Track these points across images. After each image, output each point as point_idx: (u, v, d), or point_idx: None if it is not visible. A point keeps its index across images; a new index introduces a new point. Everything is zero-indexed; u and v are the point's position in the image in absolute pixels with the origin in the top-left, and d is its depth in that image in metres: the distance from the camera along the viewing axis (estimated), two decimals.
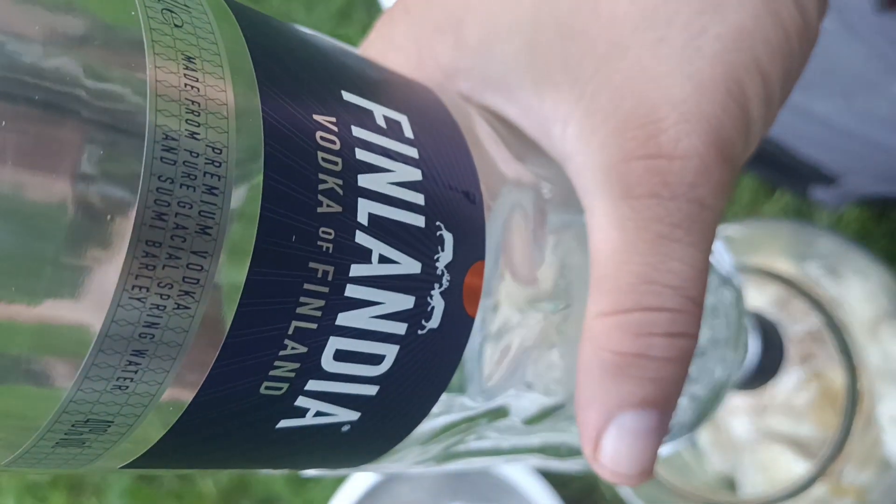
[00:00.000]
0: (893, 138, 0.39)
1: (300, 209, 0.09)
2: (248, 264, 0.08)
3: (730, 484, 0.40)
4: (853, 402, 0.36)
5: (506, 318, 0.12)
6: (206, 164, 0.08)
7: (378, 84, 0.11)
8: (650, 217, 0.12)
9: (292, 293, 0.09)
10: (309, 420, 0.10)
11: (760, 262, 0.40)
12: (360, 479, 0.40)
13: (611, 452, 0.12)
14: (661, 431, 0.12)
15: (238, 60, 0.09)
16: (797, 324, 0.40)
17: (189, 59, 0.08)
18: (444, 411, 0.11)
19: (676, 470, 0.39)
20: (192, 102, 0.08)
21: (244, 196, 0.08)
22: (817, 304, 0.35)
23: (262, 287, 0.08)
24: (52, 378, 0.08)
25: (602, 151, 0.12)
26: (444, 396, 0.11)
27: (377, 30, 0.14)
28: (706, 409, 0.16)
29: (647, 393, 0.12)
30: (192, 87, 0.08)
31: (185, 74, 0.08)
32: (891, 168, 0.41)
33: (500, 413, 0.12)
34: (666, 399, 0.12)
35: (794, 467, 0.38)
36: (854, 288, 0.41)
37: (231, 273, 0.08)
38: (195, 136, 0.08)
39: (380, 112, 0.10)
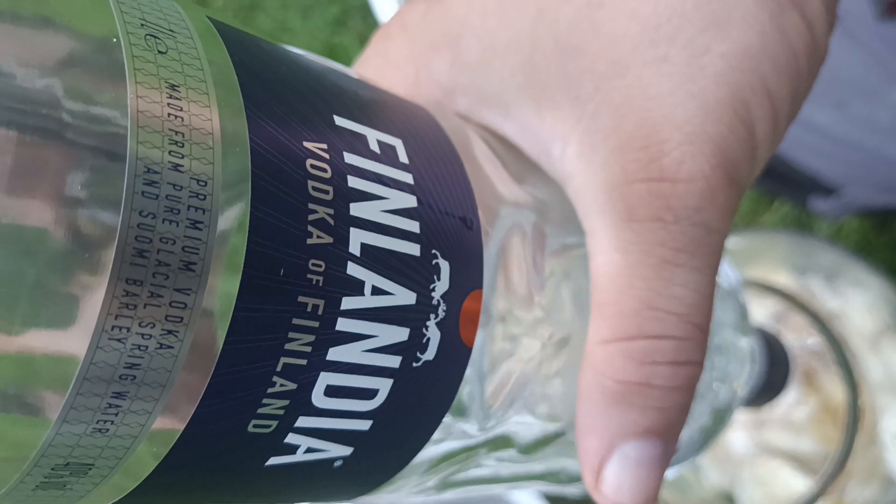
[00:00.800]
0: (894, 148, 0.39)
1: (289, 241, 0.08)
2: (235, 300, 0.08)
3: (728, 499, 0.40)
4: (854, 419, 0.35)
5: (505, 346, 0.11)
6: (190, 196, 0.08)
7: (372, 107, 0.10)
8: (653, 241, 0.11)
9: (281, 329, 0.08)
10: (300, 457, 0.09)
11: (759, 275, 0.40)
12: None
13: (613, 482, 0.12)
14: (665, 460, 0.12)
15: (225, 87, 0.08)
16: (796, 337, 0.40)
17: (173, 86, 0.08)
18: (443, 442, 0.11)
19: (674, 485, 0.39)
20: (176, 132, 0.08)
21: (230, 229, 0.08)
22: (816, 319, 0.35)
23: (249, 323, 0.08)
24: (30, 420, 0.07)
25: (603, 172, 0.12)
26: (442, 427, 0.10)
27: (373, 46, 0.14)
28: (711, 432, 0.16)
29: (651, 422, 0.11)
30: (176, 116, 0.08)
31: (168, 103, 0.08)
32: (892, 178, 0.41)
33: (500, 441, 0.12)
34: (670, 428, 0.12)
35: (794, 482, 0.38)
36: (854, 300, 0.40)
37: (216, 309, 0.08)
38: (179, 168, 0.08)
39: (373, 136, 0.10)
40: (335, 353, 0.09)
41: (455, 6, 0.13)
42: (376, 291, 0.09)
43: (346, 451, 0.10)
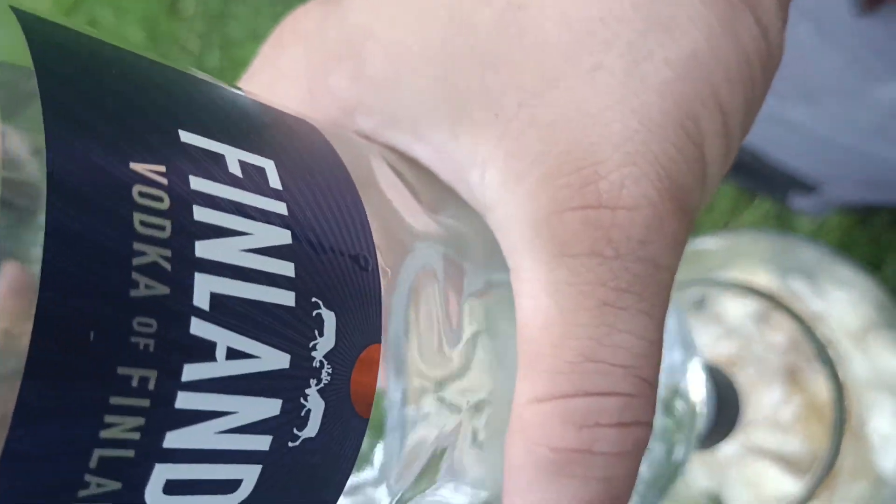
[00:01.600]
0: (876, 147, 0.38)
1: (102, 295, 0.06)
2: (21, 377, 0.06)
3: (717, 501, 0.39)
4: (841, 421, 0.34)
5: (413, 412, 0.09)
6: None
7: (235, 120, 0.09)
8: (592, 280, 0.10)
9: (92, 412, 0.06)
10: None
11: (739, 276, 0.39)
12: None
13: None
14: None
15: (15, 92, 0.07)
16: (779, 335, 0.39)
17: None
18: None
19: None
20: None
21: (14, 283, 0.06)
22: (799, 319, 0.33)
23: (43, 407, 0.06)
24: None
25: (530, 201, 0.10)
26: None
27: (263, 55, 0.12)
28: (662, 490, 0.14)
29: (595, 496, 0.10)
30: None
31: None
32: (874, 176, 0.40)
33: None
34: (616, 500, 0.10)
35: (782, 483, 0.37)
36: (838, 299, 0.39)
37: None
38: None
39: (234, 156, 0.08)
40: (176, 439, 0.07)
41: (356, 11, 0.11)
42: (233, 355, 0.07)
43: None
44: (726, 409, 0.17)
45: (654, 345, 0.10)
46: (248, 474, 0.07)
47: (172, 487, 0.07)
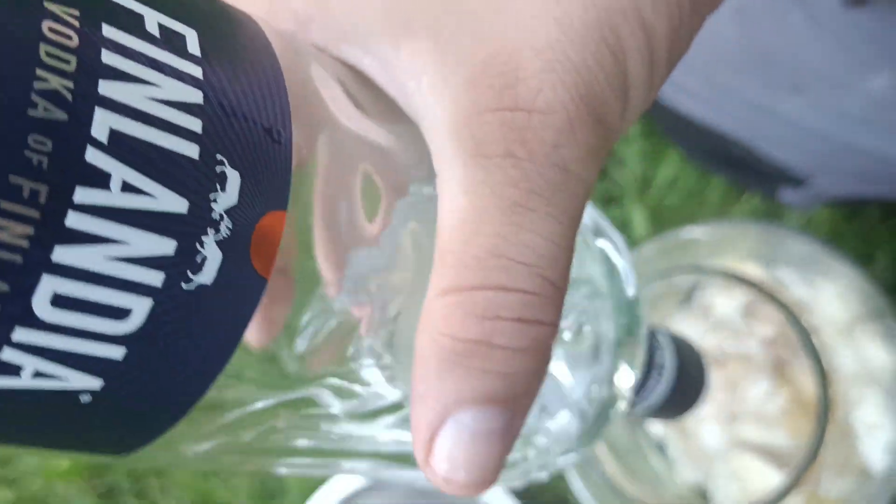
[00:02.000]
0: (868, 138, 0.38)
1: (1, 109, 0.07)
2: None
3: (703, 495, 0.38)
4: (825, 410, 0.34)
5: (317, 287, 0.10)
6: None
7: None
8: (504, 180, 0.10)
9: None
10: (27, 381, 0.08)
11: (728, 266, 0.39)
12: (329, 494, 0.38)
13: (445, 456, 0.10)
14: (510, 436, 0.10)
15: None
16: (766, 328, 0.38)
17: None
18: (233, 389, 0.09)
19: (646, 482, 0.37)
20: None
21: None
22: (786, 309, 0.33)
23: None
24: None
25: (454, 104, 0.10)
26: (230, 372, 0.09)
27: None
28: (591, 434, 0.14)
29: (492, 388, 0.10)
30: None
31: None
32: (863, 167, 0.40)
33: (313, 403, 0.10)
34: (515, 397, 0.10)
35: (768, 477, 0.37)
36: (826, 291, 0.39)
37: None
38: None
39: (154, 18, 0.08)
40: (65, 255, 0.07)
41: None
42: (129, 188, 0.08)
43: (93, 383, 0.08)
44: (688, 379, 0.17)
45: (562, 249, 0.10)
46: (139, 306, 0.08)
47: (61, 301, 0.07)
